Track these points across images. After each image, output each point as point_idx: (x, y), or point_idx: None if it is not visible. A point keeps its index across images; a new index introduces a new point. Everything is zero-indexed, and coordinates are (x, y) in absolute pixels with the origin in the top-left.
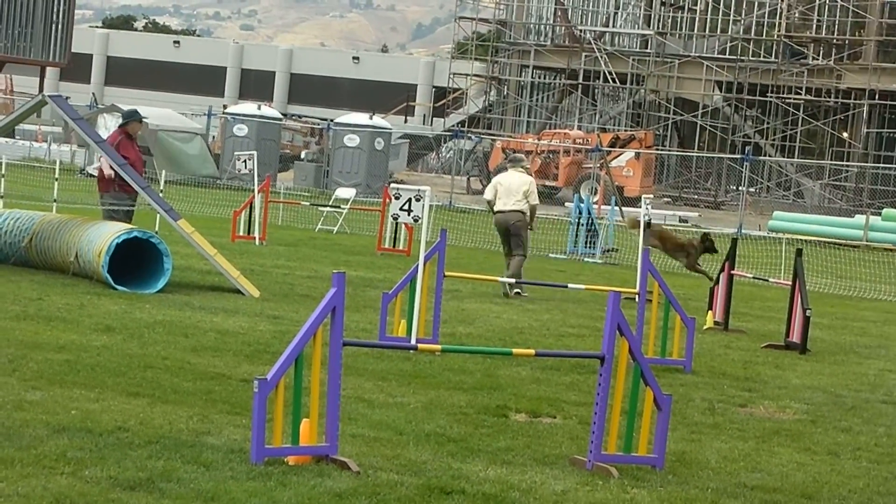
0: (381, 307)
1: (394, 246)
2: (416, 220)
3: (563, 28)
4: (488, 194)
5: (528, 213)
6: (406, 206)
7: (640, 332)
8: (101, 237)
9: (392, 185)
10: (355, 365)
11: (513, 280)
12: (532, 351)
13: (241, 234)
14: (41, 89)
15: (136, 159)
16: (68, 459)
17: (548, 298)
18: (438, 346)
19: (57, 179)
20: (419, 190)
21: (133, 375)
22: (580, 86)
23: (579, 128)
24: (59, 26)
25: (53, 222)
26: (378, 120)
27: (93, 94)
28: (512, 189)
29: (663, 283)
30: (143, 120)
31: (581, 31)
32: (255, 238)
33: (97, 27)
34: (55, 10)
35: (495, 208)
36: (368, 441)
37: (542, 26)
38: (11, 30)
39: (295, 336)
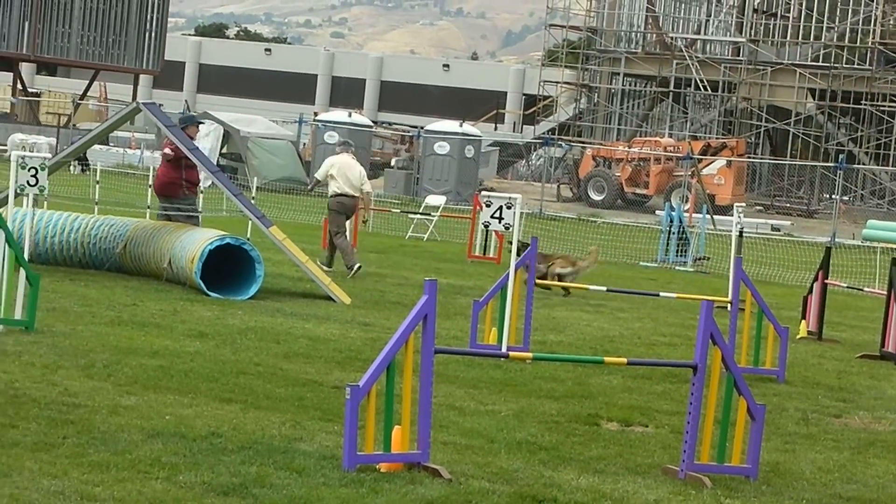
0: (472, 315)
1: (484, 253)
2: (507, 228)
3: (655, 35)
4: (322, 175)
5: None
6: (497, 214)
7: (732, 341)
8: (194, 244)
9: (483, 192)
10: (446, 372)
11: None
12: (624, 360)
13: None
14: (135, 97)
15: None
16: (163, 464)
17: (639, 307)
18: (530, 355)
19: (150, 186)
20: (510, 198)
21: (226, 381)
22: (671, 93)
23: (670, 135)
24: (153, 34)
25: (147, 229)
26: (468, 127)
27: (185, 101)
28: (355, 176)
29: (756, 292)
30: (237, 128)
31: (672, 38)
32: None
33: (190, 35)
34: (148, 18)
35: (340, 191)
36: (460, 449)
37: (633, 34)
38: (106, 38)
39: (387, 343)
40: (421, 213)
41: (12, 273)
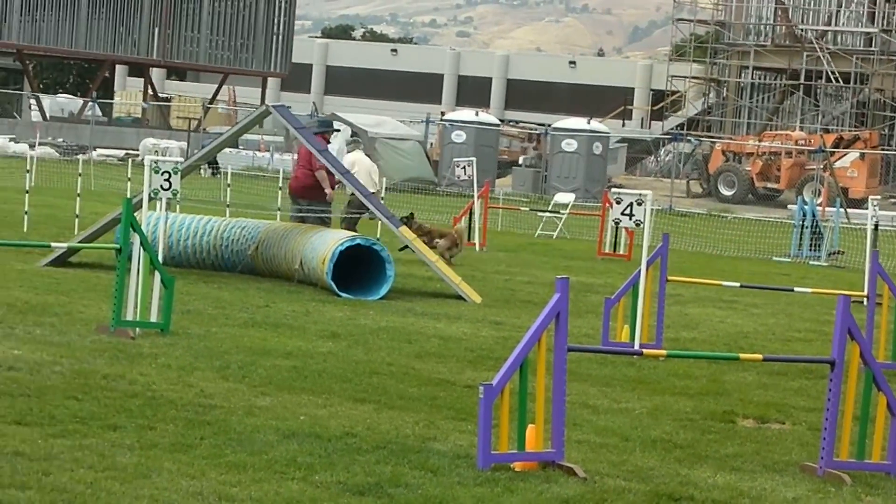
0: (604, 312)
1: (614, 250)
2: (637, 225)
3: (784, 28)
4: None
5: None
6: (627, 211)
7: (870, 335)
8: (324, 245)
9: (612, 189)
10: (579, 370)
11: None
12: (759, 356)
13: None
14: (263, 100)
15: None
16: (299, 464)
17: (772, 302)
18: (664, 352)
19: (281, 188)
20: (640, 194)
21: (359, 381)
22: (802, 86)
23: (801, 129)
24: (280, 38)
25: (278, 231)
26: (595, 124)
27: (313, 103)
28: (375, 172)
29: (893, 286)
30: (365, 129)
31: (802, 30)
32: (475, 244)
33: (316, 37)
34: (276, 21)
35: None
36: (594, 447)
37: (762, 26)
38: (234, 42)
39: (519, 342)
40: (550, 211)
41: (147, 276)
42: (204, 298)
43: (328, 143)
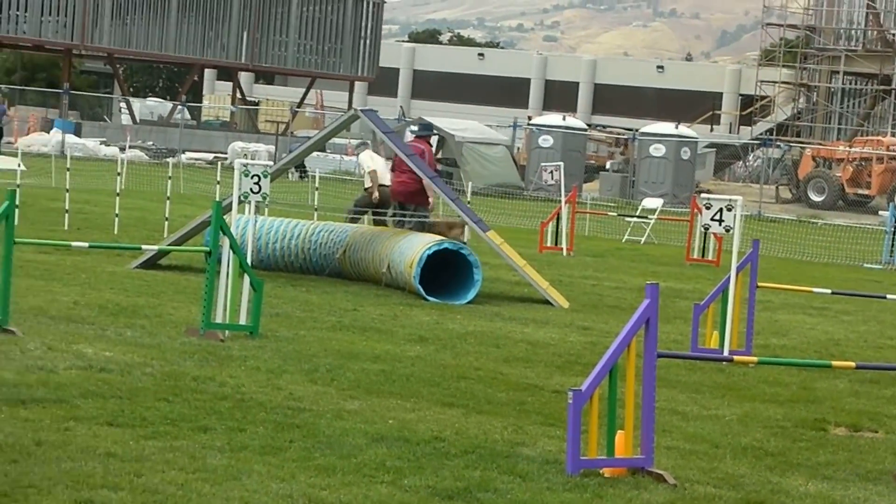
0: (693, 318)
1: (702, 256)
2: (727, 230)
3: (875, 32)
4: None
5: None
6: (717, 216)
7: None
8: (412, 249)
9: (702, 195)
10: (667, 377)
11: None
12: (852, 363)
13: (549, 244)
14: (350, 104)
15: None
16: (387, 468)
17: (864, 309)
18: (755, 359)
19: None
20: (730, 200)
21: (447, 385)
22: (893, 91)
23: (893, 134)
24: (367, 42)
25: (366, 234)
26: (684, 129)
27: (400, 107)
28: (387, 168)
29: None
30: (452, 133)
31: (894, 34)
32: (562, 249)
33: (404, 42)
34: (363, 26)
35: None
36: (684, 454)
37: (853, 31)
38: (322, 46)
39: (608, 347)
40: (637, 217)
41: (237, 279)
42: (292, 301)
43: (431, 146)
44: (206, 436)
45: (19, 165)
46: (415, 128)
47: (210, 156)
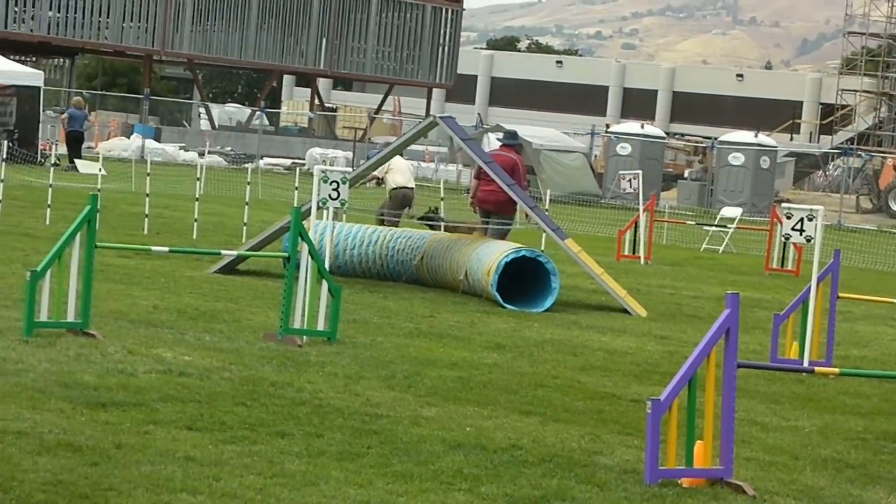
0: (773, 328)
1: (782, 266)
2: (808, 241)
3: None
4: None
5: None
6: (798, 226)
7: None
8: (489, 256)
9: (782, 204)
10: (746, 387)
11: None
12: None
13: (626, 253)
14: (428, 111)
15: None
16: (465, 476)
17: None
18: (836, 370)
19: (443, 199)
20: (811, 209)
21: (524, 393)
22: None
23: None
24: (446, 49)
25: (443, 241)
26: (763, 138)
27: (478, 114)
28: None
29: None
30: (530, 141)
31: None
32: (639, 257)
33: (482, 49)
34: (442, 33)
35: (400, 183)
36: (763, 465)
37: None
38: (400, 53)
39: (686, 357)
40: (716, 226)
41: (315, 285)
42: (370, 308)
43: (519, 154)
44: (284, 441)
45: (100, 170)
46: (499, 135)
47: (288, 161)
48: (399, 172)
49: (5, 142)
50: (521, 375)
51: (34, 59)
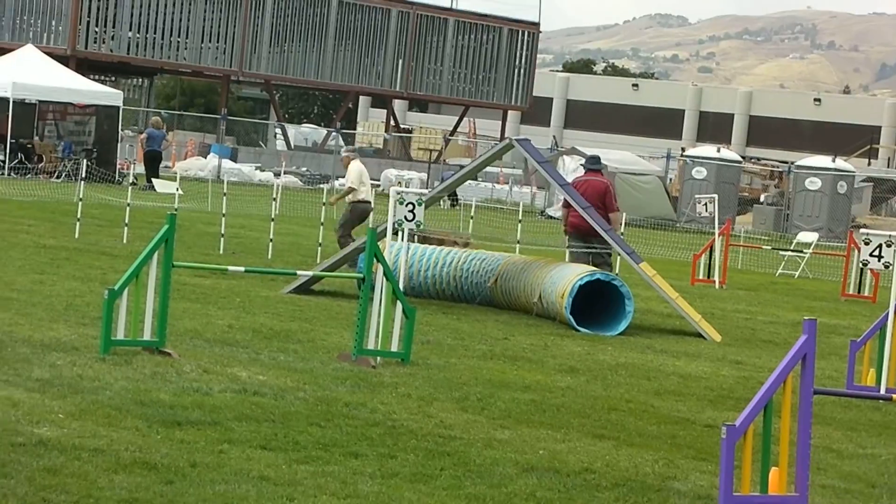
0: (849, 355)
1: (858, 292)
2: (886, 267)
3: None
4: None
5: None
6: (876, 252)
7: None
8: (564, 279)
9: (860, 230)
10: (822, 413)
11: None
12: None
13: (701, 277)
14: (503, 133)
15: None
16: (538, 499)
17: None
18: None
19: (521, 221)
20: (890, 236)
21: (597, 417)
22: None
23: None
24: (522, 71)
25: (518, 263)
26: (840, 162)
27: (553, 136)
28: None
29: None
30: (605, 163)
31: None
32: (714, 282)
33: (558, 71)
34: (518, 55)
35: (363, 197)
36: (839, 492)
37: None
38: (476, 75)
39: (762, 382)
40: (792, 250)
41: (389, 306)
42: (443, 329)
43: (608, 179)
44: (357, 461)
45: (177, 189)
46: (580, 160)
47: None
48: (366, 186)
49: (84, 161)
50: (594, 399)
51: (113, 78)
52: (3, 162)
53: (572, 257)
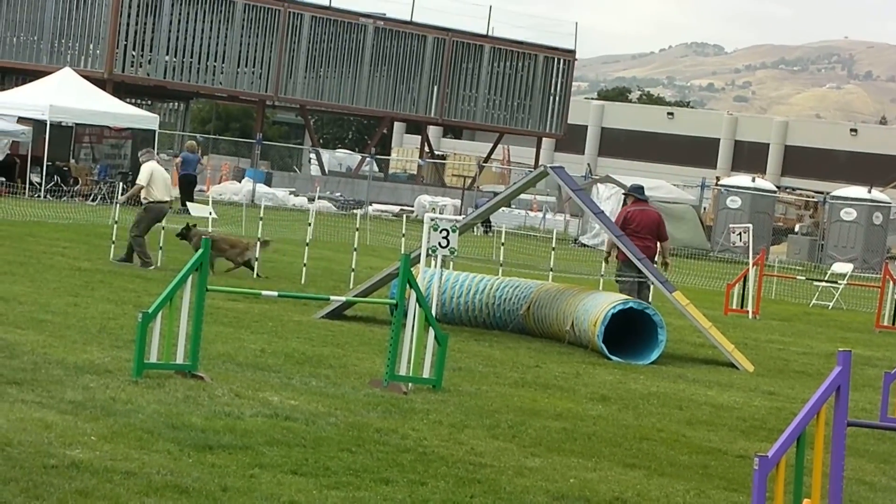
0: (883, 387)
1: (893, 324)
2: None
3: None
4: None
5: None
6: None
7: None
8: (596, 307)
9: (895, 261)
10: (855, 445)
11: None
12: None
13: (734, 307)
14: (537, 160)
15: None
16: None
17: None
18: None
19: (554, 248)
20: None
21: (629, 446)
22: None
23: None
24: (557, 98)
25: (551, 291)
26: (876, 193)
27: (588, 164)
28: (169, 183)
29: None
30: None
31: None
32: (748, 312)
33: (593, 99)
34: (553, 83)
35: (157, 198)
36: None
37: None
38: (511, 102)
39: (794, 413)
40: (826, 281)
41: (422, 332)
42: (475, 356)
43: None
44: (388, 488)
45: (210, 214)
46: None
47: (396, 208)
48: (158, 185)
49: (120, 184)
50: (626, 428)
51: (150, 102)
52: (40, 184)
53: (622, 287)
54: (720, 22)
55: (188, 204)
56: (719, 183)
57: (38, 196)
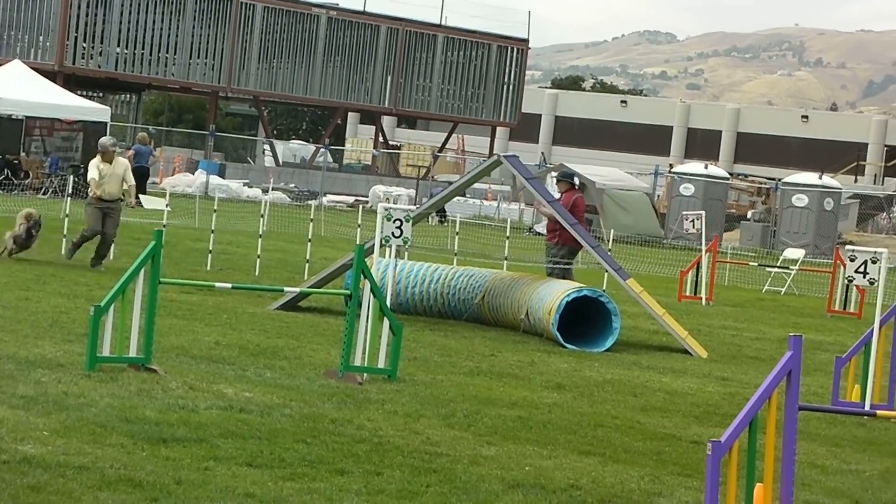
0: (834, 371)
1: (844, 308)
2: (871, 283)
3: None
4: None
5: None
6: (861, 269)
7: None
8: (551, 295)
9: (846, 246)
10: (807, 430)
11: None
12: None
13: (688, 293)
14: (492, 149)
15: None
16: None
17: None
18: None
19: (508, 238)
20: (875, 252)
21: (584, 433)
22: None
23: None
24: (511, 88)
25: (505, 280)
26: (827, 179)
27: (542, 153)
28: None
29: None
30: (593, 180)
31: None
32: (701, 298)
33: (546, 88)
34: (506, 72)
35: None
36: None
37: None
38: (465, 92)
39: (747, 398)
40: (778, 267)
41: (376, 322)
42: (430, 346)
43: (581, 193)
44: (343, 478)
45: (167, 206)
46: (555, 173)
47: (351, 199)
48: (113, 179)
49: (71, 176)
50: (580, 415)
51: (101, 94)
52: None
53: (550, 272)
54: (672, 10)
55: (141, 197)
56: (672, 170)
57: None
